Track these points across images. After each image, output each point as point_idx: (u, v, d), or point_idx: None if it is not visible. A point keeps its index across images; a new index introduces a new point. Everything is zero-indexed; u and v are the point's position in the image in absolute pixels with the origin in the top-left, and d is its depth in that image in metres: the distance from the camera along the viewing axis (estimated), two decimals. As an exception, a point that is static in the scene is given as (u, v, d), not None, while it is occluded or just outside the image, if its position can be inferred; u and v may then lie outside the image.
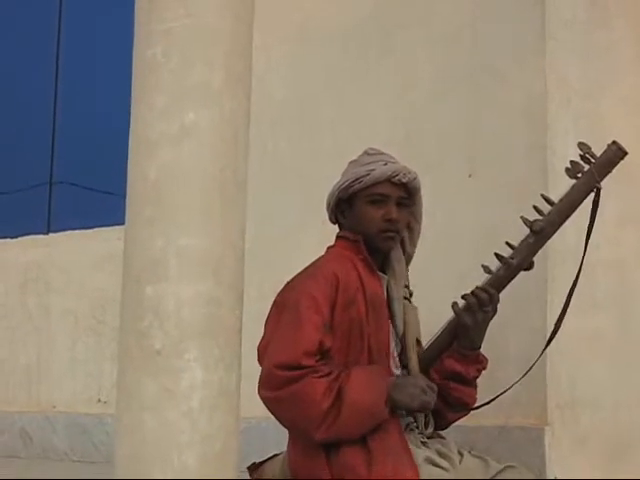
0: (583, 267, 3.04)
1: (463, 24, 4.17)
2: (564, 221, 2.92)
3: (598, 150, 2.89)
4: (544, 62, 3.96)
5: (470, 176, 4.04)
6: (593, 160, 2.88)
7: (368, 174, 2.93)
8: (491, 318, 2.94)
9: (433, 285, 3.66)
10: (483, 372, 3.01)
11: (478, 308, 2.89)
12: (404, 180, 2.94)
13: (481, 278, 2.94)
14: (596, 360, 4.05)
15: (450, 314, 2.94)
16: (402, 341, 2.96)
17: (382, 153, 3.02)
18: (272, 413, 2.78)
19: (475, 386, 3.02)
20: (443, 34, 4.23)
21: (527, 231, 2.90)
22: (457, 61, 4.16)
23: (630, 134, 4.22)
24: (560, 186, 3.79)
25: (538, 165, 3.87)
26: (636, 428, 4.15)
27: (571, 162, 2.90)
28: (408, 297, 3.02)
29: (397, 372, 2.92)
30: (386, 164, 2.95)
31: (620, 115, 4.30)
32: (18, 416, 5.73)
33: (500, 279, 2.92)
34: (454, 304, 2.93)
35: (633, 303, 4.27)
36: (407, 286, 3.04)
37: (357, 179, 2.95)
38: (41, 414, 5.64)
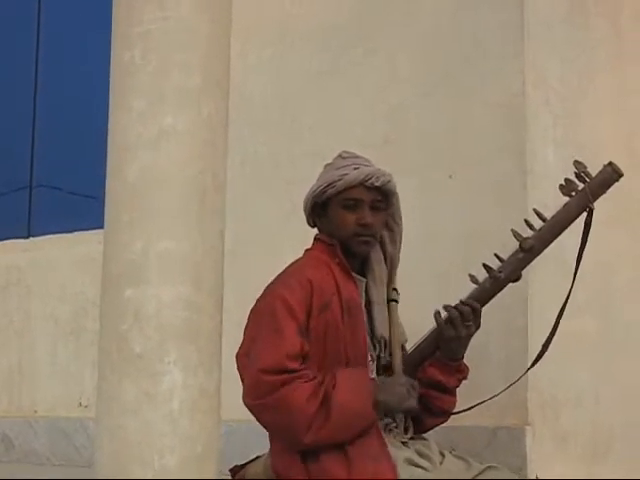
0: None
1: (443, 24, 4.16)
2: (554, 239, 2.91)
3: (576, 148, 2.89)
4: (523, 62, 3.96)
5: (450, 177, 4.04)
6: (588, 179, 2.86)
7: (341, 179, 2.91)
8: (474, 332, 2.93)
9: (414, 285, 3.65)
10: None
11: (460, 322, 2.88)
12: (377, 183, 2.91)
13: (462, 277, 2.94)
14: (577, 360, 4.05)
15: (432, 316, 2.94)
16: (385, 341, 2.95)
17: (356, 156, 3.00)
18: (258, 420, 2.77)
19: (455, 394, 3.02)
20: (423, 34, 4.23)
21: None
22: (436, 62, 4.16)
23: (609, 135, 4.23)
24: (539, 186, 3.79)
25: (517, 165, 3.87)
26: (616, 427, 4.16)
27: (565, 180, 2.87)
28: (396, 298, 3.01)
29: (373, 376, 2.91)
30: (358, 168, 2.93)
31: (599, 115, 4.31)
32: (-1, 421, 5.70)
33: (486, 291, 2.91)
34: (437, 313, 2.92)
35: (615, 304, 4.27)
36: (395, 289, 3.02)
37: (330, 184, 2.93)
38: (22, 418, 5.60)
